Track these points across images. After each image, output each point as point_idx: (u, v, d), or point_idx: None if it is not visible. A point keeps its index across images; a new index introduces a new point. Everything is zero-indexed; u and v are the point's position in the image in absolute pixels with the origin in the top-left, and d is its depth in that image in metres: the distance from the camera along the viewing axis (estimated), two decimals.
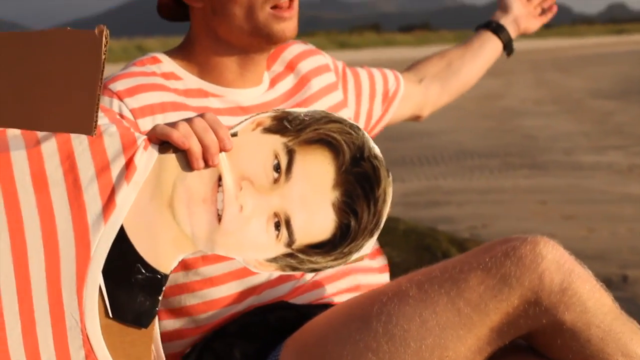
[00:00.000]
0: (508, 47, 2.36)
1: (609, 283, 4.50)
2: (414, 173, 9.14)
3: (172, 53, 1.83)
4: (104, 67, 1.29)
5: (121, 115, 1.68)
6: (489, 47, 2.33)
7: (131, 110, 1.69)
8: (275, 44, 1.80)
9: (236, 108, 1.79)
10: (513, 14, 2.37)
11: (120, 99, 1.69)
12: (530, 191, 7.88)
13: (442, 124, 13.72)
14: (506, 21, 2.36)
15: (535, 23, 2.42)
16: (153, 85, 1.73)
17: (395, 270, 3.90)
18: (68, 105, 1.30)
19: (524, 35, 2.44)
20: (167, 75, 1.77)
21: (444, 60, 2.28)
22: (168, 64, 1.79)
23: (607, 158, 9.81)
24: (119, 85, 1.71)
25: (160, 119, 1.70)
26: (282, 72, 1.91)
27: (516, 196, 7.66)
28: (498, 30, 2.35)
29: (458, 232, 5.87)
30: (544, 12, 2.44)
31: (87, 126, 1.30)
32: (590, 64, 33.13)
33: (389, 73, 2.16)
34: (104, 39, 1.28)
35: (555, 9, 2.45)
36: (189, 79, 1.79)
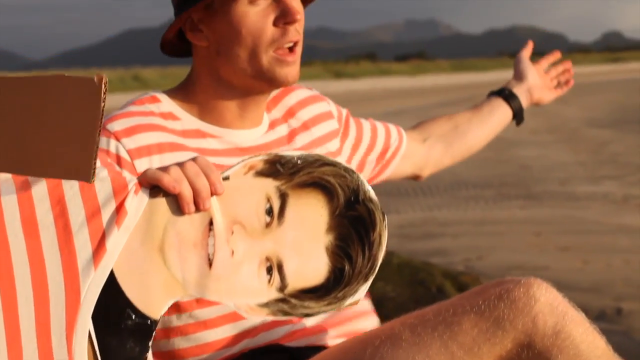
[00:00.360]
0: (518, 116, 2.33)
1: (604, 315, 4.49)
2: (409, 204, 9.13)
3: (172, 92, 1.83)
4: (102, 115, 1.29)
5: (118, 156, 1.68)
6: (498, 115, 2.30)
7: (128, 151, 1.69)
8: (277, 88, 1.80)
9: (234, 149, 1.78)
10: (527, 83, 2.34)
11: (118, 140, 1.69)
12: (525, 222, 7.87)
13: None
14: (519, 90, 2.33)
15: (549, 95, 2.39)
16: (151, 126, 1.73)
17: (389, 304, 3.88)
18: (66, 152, 1.29)
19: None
20: (166, 115, 1.77)
21: (451, 123, 2.25)
22: (167, 103, 1.79)
23: (602, 188, 9.81)
24: (116, 126, 1.71)
25: (157, 160, 1.70)
26: (281, 118, 1.90)
27: (511, 227, 7.65)
28: (510, 98, 2.31)
29: (453, 265, 5.86)
30: (559, 84, 2.43)
31: (86, 173, 1.30)
32: (586, 93, 33.19)
33: (393, 129, 2.14)
34: (103, 86, 1.27)
35: (572, 83, 2.42)
36: (188, 119, 1.78)
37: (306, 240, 1.45)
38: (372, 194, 1.49)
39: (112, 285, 1.37)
